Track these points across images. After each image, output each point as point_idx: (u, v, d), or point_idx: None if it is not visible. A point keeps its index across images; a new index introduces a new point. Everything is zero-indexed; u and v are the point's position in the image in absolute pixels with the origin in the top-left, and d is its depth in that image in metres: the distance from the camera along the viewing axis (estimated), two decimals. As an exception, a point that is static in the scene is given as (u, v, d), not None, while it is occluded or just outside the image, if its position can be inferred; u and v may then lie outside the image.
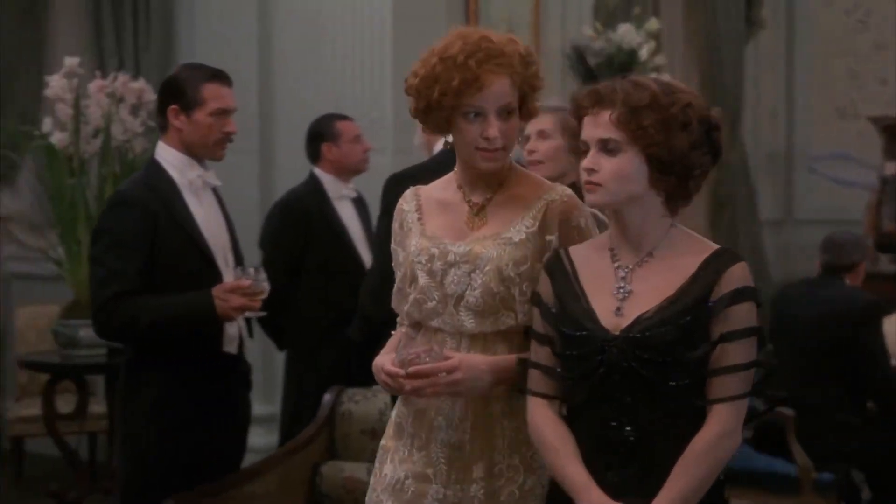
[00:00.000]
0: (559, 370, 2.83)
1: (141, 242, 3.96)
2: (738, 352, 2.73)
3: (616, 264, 2.82)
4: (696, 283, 2.74)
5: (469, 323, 2.99)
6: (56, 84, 5.93)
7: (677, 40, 7.82)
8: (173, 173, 4.08)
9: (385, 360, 2.98)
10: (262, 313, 4.12)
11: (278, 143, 6.61)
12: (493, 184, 3.05)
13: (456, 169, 3.12)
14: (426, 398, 2.99)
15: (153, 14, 7.09)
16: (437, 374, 2.93)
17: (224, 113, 4.08)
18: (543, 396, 2.86)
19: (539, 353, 2.87)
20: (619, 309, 2.77)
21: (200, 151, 4.10)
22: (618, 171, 2.75)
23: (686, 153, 2.74)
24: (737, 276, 2.74)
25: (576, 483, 2.76)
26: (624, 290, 2.79)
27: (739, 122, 8.07)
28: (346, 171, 5.58)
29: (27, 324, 6.84)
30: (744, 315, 2.74)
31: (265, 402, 6.17)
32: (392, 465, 3.06)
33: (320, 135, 5.58)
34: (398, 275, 3.11)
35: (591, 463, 2.77)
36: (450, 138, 3.05)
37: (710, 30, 7.90)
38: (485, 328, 2.99)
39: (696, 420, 2.73)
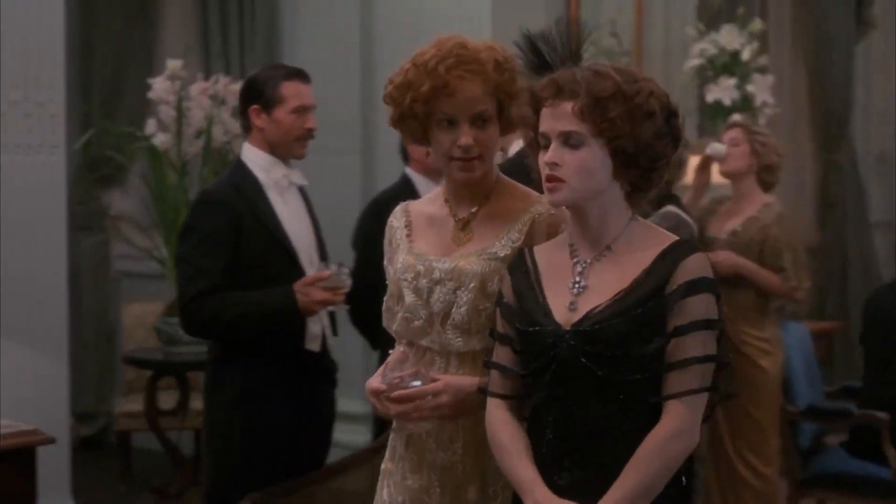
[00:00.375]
0: (516, 369, 2.73)
1: (226, 241, 4.04)
2: (693, 345, 2.60)
3: (574, 259, 2.71)
4: (651, 275, 2.63)
5: (456, 342, 2.91)
6: (159, 86, 6.05)
7: (784, 40, 7.73)
8: (258, 173, 4.15)
9: (375, 381, 2.92)
10: (345, 306, 4.17)
11: (379, 143, 6.66)
12: (478, 197, 2.97)
13: (443, 182, 3.05)
14: (413, 422, 2.90)
15: (258, 15, 7.20)
16: (423, 398, 2.85)
17: (304, 110, 4.14)
18: (500, 397, 2.76)
19: (499, 354, 2.78)
20: (572, 304, 2.66)
21: (282, 149, 4.16)
22: (582, 165, 2.62)
23: (651, 143, 2.63)
24: (692, 266, 2.62)
25: (523, 481, 2.67)
26: (579, 286, 2.68)
27: (848, 122, 7.93)
28: (437, 172, 5.60)
29: (134, 321, 6.98)
30: (699, 307, 2.61)
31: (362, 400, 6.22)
32: (388, 489, 3.00)
33: None
34: (387, 292, 3.03)
35: (546, 463, 2.67)
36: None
37: (818, 30, 7.77)
38: (473, 346, 2.90)
39: (652, 418, 2.61)
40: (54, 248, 5.20)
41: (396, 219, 3.08)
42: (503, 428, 2.73)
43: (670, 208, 4.35)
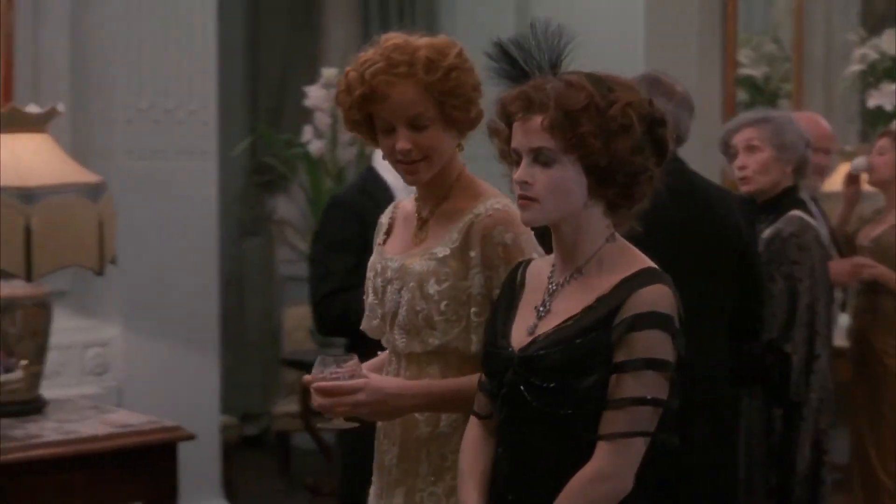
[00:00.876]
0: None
1: (353, 243, 4.12)
2: (631, 384, 2.41)
3: (549, 280, 2.58)
4: (603, 302, 2.46)
5: (400, 342, 2.87)
6: (315, 94, 6.21)
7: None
8: (389, 178, 4.23)
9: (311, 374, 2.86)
10: None
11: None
12: (438, 196, 2.89)
13: None
14: (335, 418, 2.80)
15: (417, 23, 7.32)
16: (343, 394, 2.77)
17: None
18: (475, 414, 2.65)
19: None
20: (531, 328, 2.54)
21: None
22: (553, 183, 2.45)
23: (628, 158, 2.45)
24: (646, 298, 2.43)
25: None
26: (544, 309, 2.54)
27: None
28: None
29: (295, 323, 7.14)
30: (643, 343, 2.41)
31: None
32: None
33: None
34: None
35: (499, 486, 2.57)
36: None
37: None
38: (413, 348, 2.85)
39: (590, 455, 2.45)
40: (207, 251, 5.38)
41: (385, 216, 3.06)
42: (467, 447, 2.64)
43: (795, 213, 4.30)
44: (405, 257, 2.87)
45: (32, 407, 4.54)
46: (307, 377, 2.84)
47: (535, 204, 2.48)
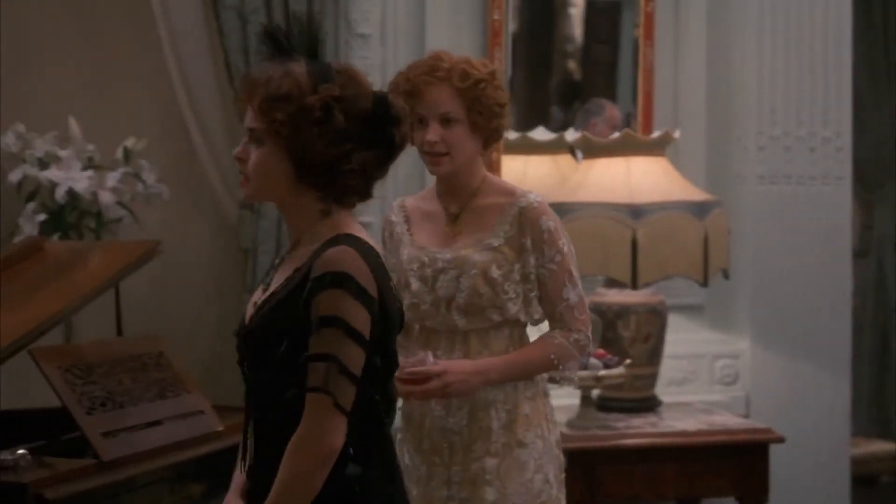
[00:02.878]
0: None
1: None
2: (311, 344, 2.49)
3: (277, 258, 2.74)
4: (298, 273, 2.57)
5: (460, 322, 3.38)
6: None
7: None
8: None
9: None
10: None
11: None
12: (467, 194, 3.43)
13: (434, 180, 3.50)
14: (418, 401, 3.37)
15: None
16: (427, 380, 3.28)
17: None
18: None
19: None
20: (254, 304, 2.67)
21: None
22: (258, 163, 2.58)
23: (321, 150, 2.53)
24: (325, 260, 2.50)
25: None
26: (265, 286, 2.68)
27: None
28: None
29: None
30: (321, 304, 2.49)
31: None
32: (408, 454, 3.46)
33: None
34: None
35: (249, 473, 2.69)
36: None
37: None
38: (476, 325, 3.38)
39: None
40: (839, 272, 5.53)
41: (395, 214, 3.54)
42: None
43: None
44: (457, 249, 3.39)
45: (645, 405, 5.02)
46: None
47: (248, 182, 2.62)
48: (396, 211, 3.57)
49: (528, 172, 5.51)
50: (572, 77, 5.82)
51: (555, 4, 5.82)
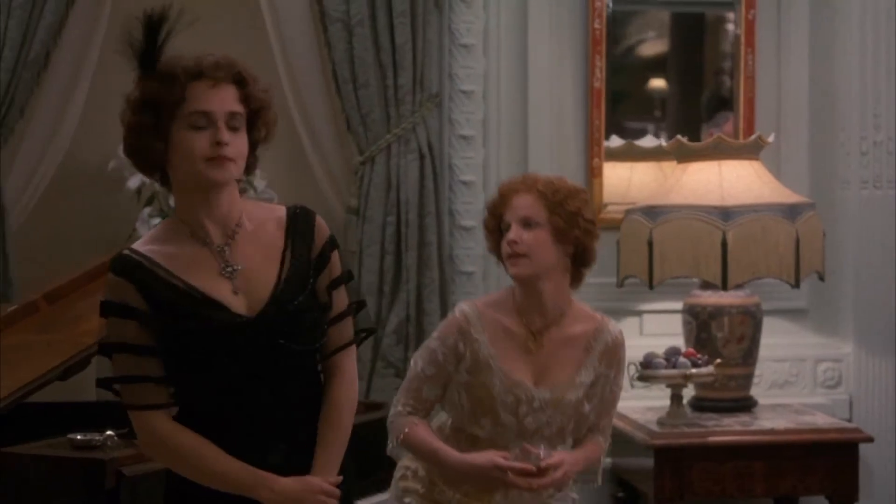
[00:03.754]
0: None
1: None
2: (338, 299, 2.88)
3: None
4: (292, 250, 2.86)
5: (539, 447, 3.45)
6: None
7: None
8: None
9: (496, 457, 3.41)
10: None
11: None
12: (552, 314, 3.54)
13: (515, 294, 3.58)
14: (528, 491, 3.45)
15: None
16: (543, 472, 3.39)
17: None
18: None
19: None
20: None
21: None
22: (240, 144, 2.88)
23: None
24: (322, 226, 2.87)
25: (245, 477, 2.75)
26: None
27: None
28: None
29: None
30: (336, 264, 2.88)
31: None
32: None
33: None
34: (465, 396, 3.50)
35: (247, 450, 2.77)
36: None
37: None
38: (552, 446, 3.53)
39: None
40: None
41: (475, 329, 3.54)
42: (182, 433, 2.76)
43: None
44: (554, 388, 3.51)
45: (740, 405, 5.09)
46: (500, 462, 3.42)
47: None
48: (475, 323, 3.57)
49: (634, 179, 5.62)
50: (721, 91, 5.87)
51: (706, 21, 5.91)
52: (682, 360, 4.81)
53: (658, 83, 5.89)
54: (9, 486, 3.56)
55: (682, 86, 5.91)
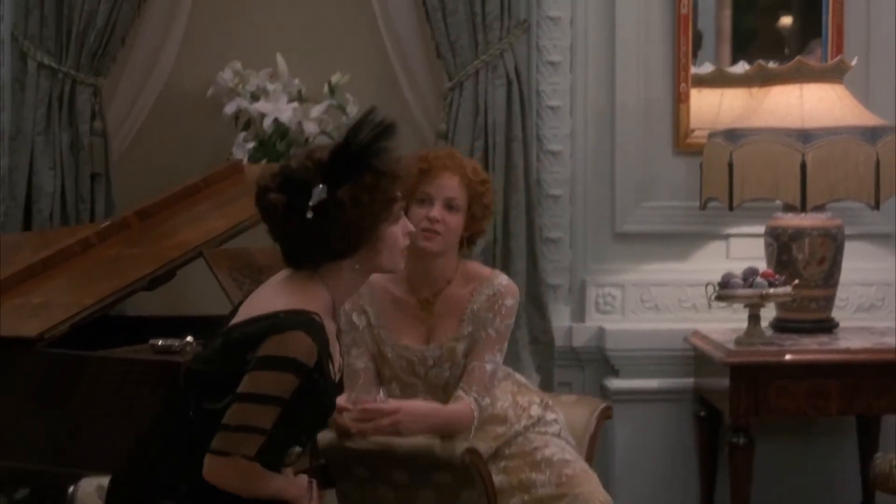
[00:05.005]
0: None
1: None
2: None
3: None
4: None
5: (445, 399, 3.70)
6: None
7: None
8: None
9: (341, 399, 3.39)
10: None
11: None
12: (441, 282, 3.75)
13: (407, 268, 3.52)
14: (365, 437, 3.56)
15: None
16: (380, 417, 3.50)
17: None
18: None
19: None
20: None
21: None
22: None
23: None
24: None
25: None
26: None
27: None
28: None
29: None
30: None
31: None
32: None
33: None
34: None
35: None
36: None
37: None
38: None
39: None
40: None
41: (368, 305, 3.77)
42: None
43: None
44: (444, 345, 3.73)
45: (820, 327, 5.14)
46: (341, 403, 3.47)
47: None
48: (364, 295, 3.78)
49: (723, 105, 5.65)
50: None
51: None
52: (759, 280, 4.88)
53: (785, 20, 5.88)
54: (95, 387, 3.80)
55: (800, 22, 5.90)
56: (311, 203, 2.86)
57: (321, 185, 2.87)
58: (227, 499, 2.89)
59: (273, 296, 2.96)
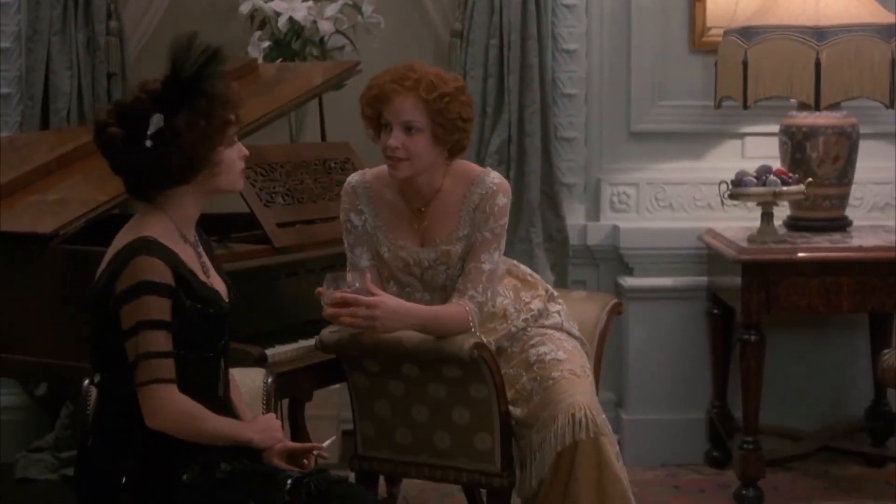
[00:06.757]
0: None
1: None
2: None
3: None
4: None
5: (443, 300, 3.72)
6: None
7: None
8: None
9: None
10: None
11: None
12: (429, 193, 3.73)
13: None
14: (342, 325, 3.55)
15: None
16: (358, 306, 3.46)
17: None
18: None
19: None
20: None
21: None
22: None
23: None
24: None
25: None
26: None
27: None
28: None
29: None
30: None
31: None
32: None
33: None
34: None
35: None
36: None
37: None
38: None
39: None
40: None
41: (364, 206, 3.77)
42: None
43: None
44: (437, 246, 3.72)
45: (833, 225, 5.16)
46: (322, 290, 3.47)
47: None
48: (361, 195, 3.81)
49: (740, 2, 5.61)
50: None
51: None
52: (772, 178, 4.89)
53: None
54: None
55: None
56: (149, 132, 2.94)
57: (158, 115, 2.95)
58: (182, 448, 2.99)
59: (117, 242, 3.05)
